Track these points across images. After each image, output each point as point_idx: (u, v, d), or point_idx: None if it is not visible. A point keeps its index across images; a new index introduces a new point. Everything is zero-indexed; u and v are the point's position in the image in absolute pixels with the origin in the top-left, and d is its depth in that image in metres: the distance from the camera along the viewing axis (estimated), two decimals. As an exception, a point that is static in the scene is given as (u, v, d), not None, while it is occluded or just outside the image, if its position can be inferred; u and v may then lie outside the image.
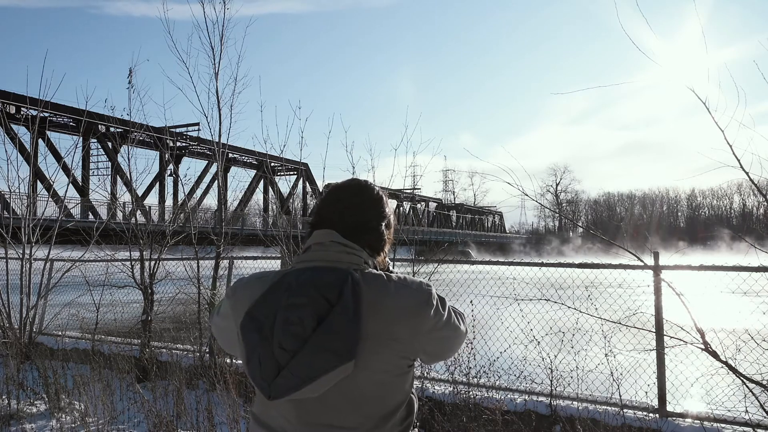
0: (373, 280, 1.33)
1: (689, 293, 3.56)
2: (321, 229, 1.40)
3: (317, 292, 1.25)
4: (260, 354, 1.22)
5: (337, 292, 1.25)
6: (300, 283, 1.28)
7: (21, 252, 7.40)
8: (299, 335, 1.21)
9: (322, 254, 1.37)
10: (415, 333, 1.33)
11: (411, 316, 1.32)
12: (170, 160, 21.98)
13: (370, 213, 1.44)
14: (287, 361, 1.20)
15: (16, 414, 5.10)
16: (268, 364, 1.21)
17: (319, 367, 1.19)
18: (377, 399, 1.32)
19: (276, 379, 1.20)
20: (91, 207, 31.56)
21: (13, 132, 14.52)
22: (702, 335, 3.43)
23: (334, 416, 1.29)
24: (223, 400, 4.36)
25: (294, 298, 1.25)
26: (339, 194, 1.46)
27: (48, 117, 29.16)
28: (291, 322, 1.22)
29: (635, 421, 4.06)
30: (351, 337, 1.22)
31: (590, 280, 4.80)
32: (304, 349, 1.20)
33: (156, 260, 6.75)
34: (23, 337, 7.04)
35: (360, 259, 1.38)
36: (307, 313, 1.22)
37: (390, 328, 1.30)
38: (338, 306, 1.23)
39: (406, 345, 1.33)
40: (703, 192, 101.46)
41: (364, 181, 1.51)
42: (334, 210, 1.43)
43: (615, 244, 3.96)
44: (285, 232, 5.91)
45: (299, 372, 1.19)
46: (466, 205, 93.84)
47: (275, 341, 1.21)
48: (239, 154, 43.19)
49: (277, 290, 1.29)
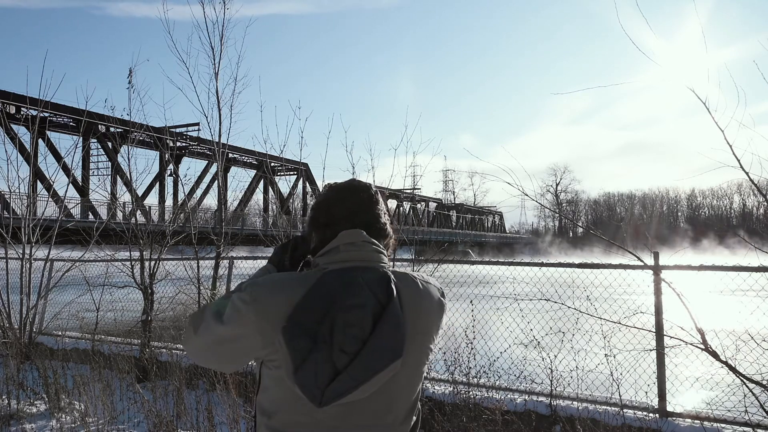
0: (404, 278, 1.36)
1: (689, 293, 3.56)
2: (348, 230, 1.37)
3: (370, 291, 1.26)
4: (317, 360, 1.18)
5: (386, 291, 1.28)
6: (350, 284, 1.27)
7: (21, 252, 7.40)
8: (359, 337, 1.20)
9: (357, 254, 1.35)
10: (438, 325, 1.42)
11: (437, 313, 1.40)
12: (170, 160, 21.98)
13: (377, 213, 1.45)
14: (346, 365, 1.19)
15: (16, 414, 5.10)
16: (324, 370, 1.18)
17: (374, 366, 1.20)
18: (408, 393, 1.36)
19: (330, 384, 1.18)
20: (91, 207, 31.56)
21: (13, 132, 14.52)
22: (702, 335, 3.43)
23: (375, 416, 1.30)
24: (223, 400, 4.36)
25: (349, 299, 1.24)
26: (350, 194, 1.45)
27: (48, 117, 29.16)
28: (351, 324, 1.21)
29: (635, 421, 4.06)
30: (401, 335, 1.25)
31: (590, 281, 4.80)
32: (364, 351, 1.20)
33: (156, 260, 6.76)
34: (23, 337, 7.04)
35: (386, 258, 1.40)
36: (364, 313, 1.22)
37: (423, 325, 1.35)
38: (390, 305, 1.26)
39: (432, 337, 1.40)
40: (703, 192, 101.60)
41: (366, 183, 1.52)
42: (351, 210, 1.42)
43: (615, 243, 3.96)
44: (285, 232, 5.91)
45: (356, 374, 1.19)
46: (466, 205, 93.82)
47: (335, 345, 1.19)
48: (239, 154, 43.20)
49: (320, 292, 1.26)
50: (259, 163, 43.75)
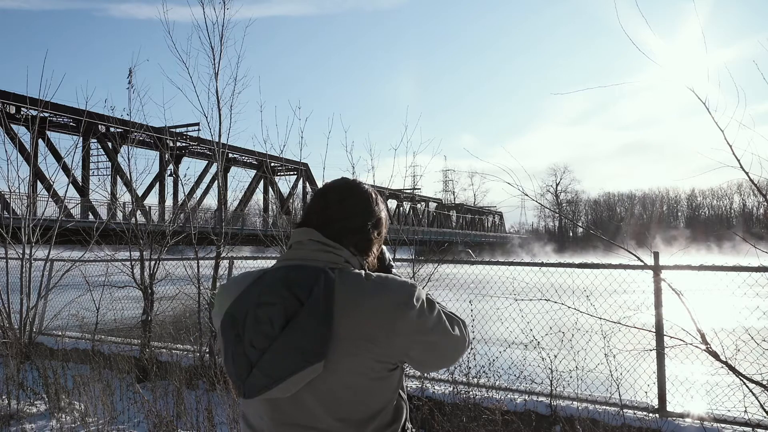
0: (350, 279, 1.28)
1: (689, 293, 3.56)
2: (299, 228, 1.39)
3: (288, 290, 1.24)
4: (233, 352, 1.23)
5: (307, 290, 1.23)
6: (271, 281, 1.28)
7: (21, 252, 7.40)
8: (268, 334, 1.20)
9: (298, 252, 1.35)
10: (392, 335, 1.25)
11: (387, 316, 1.25)
12: (170, 160, 21.99)
13: (354, 212, 1.40)
14: (257, 360, 1.20)
15: (16, 414, 5.10)
16: (240, 362, 1.21)
17: (287, 367, 1.18)
18: (352, 402, 1.26)
19: (248, 377, 1.20)
20: (91, 207, 31.55)
21: (13, 132, 14.50)
22: (702, 335, 3.43)
23: (308, 418, 1.26)
24: (223, 400, 4.36)
25: (264, 296, 1.25)
26: (325, 194, 1.44)
27: (48, 117, 29.15)
28: (261, 320, 1.22)
29: (635, 421, 4.06)
30: (320, 337, 1.19)
31: (590, 281, 4.80)
32: (272, 348, 1.19)
33: (156, 260, 6.76)
34: (23, 337, 7.04)
35: (339, 258, 1.34)
36: (276, 311, 1.22)
37: (364, 329, 1.24)
38: (307, 305, 1.21)
39: (384, 348, 1.26)
40: (703, 192, 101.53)
41: (352, 180, 1.48)
42: (318, 209, 1.41)
43: (615, 243, 3.96)
44: (285, 232, 5.91)
45: (268, 371, 1.19)
46: (466, 205, 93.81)
47: (246, 339, 1.22)
48: (239, 154, 43.18)
49: (253, 288, 1.29)
50: (259, 163, 43.75)
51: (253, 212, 47.48)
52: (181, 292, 6.71)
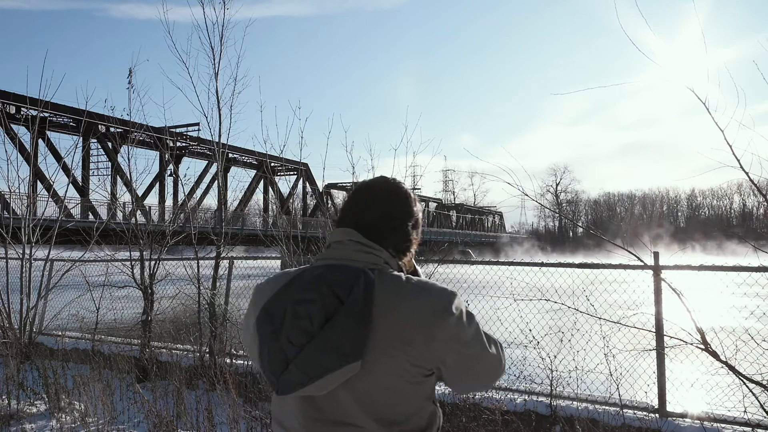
0: (390, 280, 1.29)
1: (689, 293, 3.56)
2: (339, 227, 1.39)
3: (328, 288, 1.24)
4: (270, 348, 1.22)
5: (347, 289, 1.24)
6: (311, 279, 1.28)
7: (21, 252, 7.40)
8: (307, 330, 1.20)
9: (338, 252, 1.35)
10: (430, 339, 1.25)
11: (425, 320, 1.25)
12: (170, 160, 21.98)
13: (394, 212, 1.40)
14: (294, 356, 1.20)
15: (16, 414, 5.10)
16: (276, 358, 1.21)
17: (324, 364, 1.18)
18: (388, 403, 1.26)
19: (283, 373, 1.20)
20: (91, 207, 31.54)
21: (13, 132, 14.52)
22: (702, 335, 3.43)
23: (343, 415, 1.26)
24: (223, 400, 4.36)
25: (304, 293, 1.25)
26: (364, 193, 1.44)
27: (48, 117, 29.15)
28: (299, 316, 1.22)
29: (635, 421, 4.06)
30: (358, 337, 1.20)
31: (590, 281, 4.80)
32: (311, 345, 1.19)
33: (156, 260, 6.76)
34: (23, 337, 7.04)
35: (379, 259, 1.34)
36: (315, 308, 1.22)
37: (402, 332, 1.24)
38: (347, 304, 1.21)
39: (421, 351, 1.26)
40: (703, 192, 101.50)
41: (391, 180, 1.46)
42: (357, 208, 1.41)
43: (615, 244, 3.96)
44: (285, 233, 5.91)
45: (305, 368, 1.19)
46: (466, 205, 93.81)
47: (284, 334, 1.22)
48: (239, 154, 43.18)
49: (292, 285, 1.30)
50: (259, 163, 43.75)
51: (253, 212, 47.48)
52: (181, 292, 6.71)
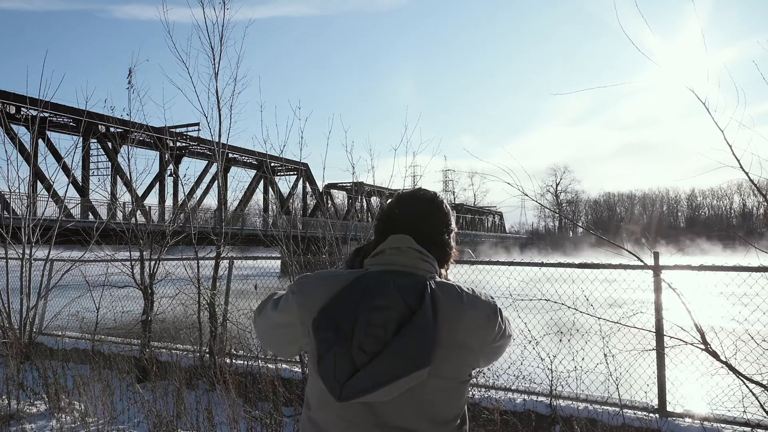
0: (448, 289, 1.33)
1: (689, 293, 3.56)
2: (397, 235, 1.40)
3: (399, 295, 1.26)
4: (336, 353, 1.21)
5: (418, 297, 1.26)
6: (381, 285, 1.28)
7: (21, 252, 7.40)
8: (380, 338, 1.20)
9: (399, 258, 1.37)
10: (483, 342, 1.36)
11: (482, 326, 1.34)
12: (170, 160, 21.98)
13: (440, 225, 1.46)
14: (364, 363, 1.19)
15: (16, 414, 5.10)
16: (343, 365, 1.20)
17: (395, 371, 1.19)
18: (442, 405, 1.32)
19: (349, 380, 1.19)
20: (91, 207, 31.54)
21: (13, 132, 14.52)
22: (702, 335, 3.43)
23: (401, 419, 1.28)
24: (223, 400, 4.36)
25: (377, 299, 1.25)
26: (411, 203, 1.47)
27: (48, 117, 29.15)
28: (373, 324, 1.21)
29: (635, 421, 4.06)
30: (429, 344, 1.22)
31: (590, 281, 4.80)
32: (384, 353, 1.19)
33: (156, 260, 6.75)
34: (23, 337, 7.04)
35: (433, 268, 1.39)
36: (389, 316, 1.23)
37: (462, 337, 1.31)
38: (419, 312, 1.23)
39: (475, 354, 1.35)
40: (703, 192, 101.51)
41: (433, 193, 1.52)
42: (407, 217, 1.44)
43: (615, 244, 3.96)
44: (285, 233, 5.91)
45: (375, 375, 1.18)
46: (466, 205, 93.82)
47: (355, 342, 1.21)
48: (239, 154, 43.17)
49: (354, 290, 1.29)
50: (259, 163, 43.74)
51: (253, 212, 47.47)
52: (181, 292, 6.71)
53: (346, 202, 58.31)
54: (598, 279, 4.83)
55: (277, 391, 4.64)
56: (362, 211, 52.32)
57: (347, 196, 57.12)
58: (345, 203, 58.50)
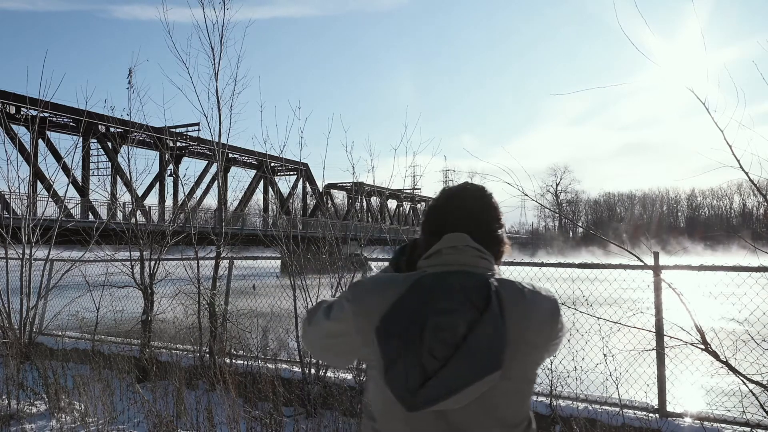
0: (510, 287, 1.28)
1: (689, 293, 3.56)
2: (453, 233, 1.33)
3: (465, 297, 1.21)
4: (406, 362, 1.16)
5: (483, 297, 1.21)
6: (444, 287, 1.23)
7: (21, 252, 7.40)
8: (450, 342, 1.15)
9: (457, 258, 1.31)
10: (548, 339, 1.32)
11: (547, 322, 1.30)
12: (170, 160, 21.96)
13: (493, 220, 1.40)
14: (436, 370, 1.14)
15: (16, 414, 5.10)
16: (414, 373, 1.15)
17: (469, 376, 1.14)
18: (512, 407, 1.28)
19: (421, 389, 1.14)
20: (91, 207, 31.54)
21: (13, 132, 14.52)
22: (702, 335, 3.43)
23: (472, 424, 1.23)
24: (223, 400, 4.36)
25: (442, 302, 1.20)
26: (461, 200, 1.41)
27: (48, 117, 29.14)
28: (442, 328, 1.16)
29: (635, 420, 4.06)
30: (500, 346, 1.18)
31: (590, 281, 4.80)
32: (455, 357, 1.14)
33: (156, 260, 6.75)
34: (23, 337, 7.04)
35: (492, 265, 1.34)
36: (457, 318, 1.18)
37: (529, 336, 1.26)
38: (487, 312, 1.19)
39: (541, 352, 1.32)
40: (703, 192, 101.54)
41: (481, 187, 1.46)
42: (459, 215, 1.37)
43: (615, 244, 3.96)
44: (285, 233, 5.91)
45: (448, 381, 1.14)
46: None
47: (425, 348, 1.16)
48: (239, 154, 43.17)
49: (415, 294, 1.24)
50: (259, 163, 43.74)
51: (253, 212, 47.46)
52: (181, 293, 6.71)
53: (346, 202, 58.32)
54: (599, 279, 4.83)
55: (277, 391, 4.64)
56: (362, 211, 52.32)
57: (347, 196, 57.12)
58: (345, 203, 58.51)
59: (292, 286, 5.63)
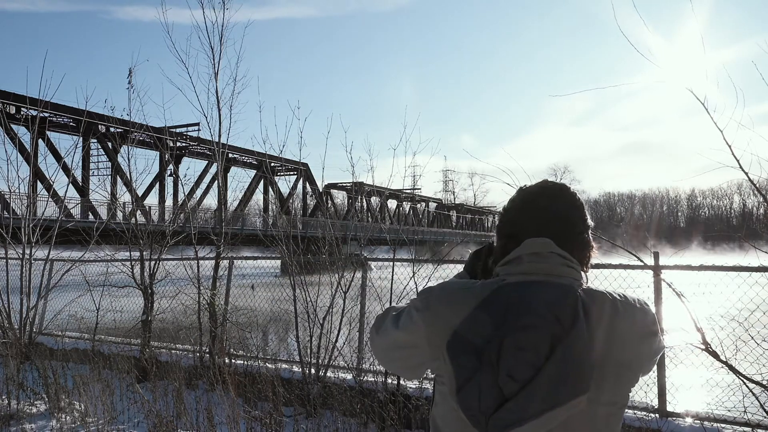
0: (599, 299, 1.14)
1: (689, 293, 3.56)
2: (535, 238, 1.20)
3: (548, 311, 1.09)
4: (480, 382, 1.05)
5: (570, 312, 1.09)
6: (526, 300, 1.11)
7: (21, 252, 7.40)
8: (532, 363, 1.04)
9: (541, 266, 1.18)
10: (644, 359, 1.19)
11: (642, 339, 1.17)
12: (170, 160, 21.95)
13: (578, 222, 1.26)
14: (515, 393, 1.03)
15: (16, 414, 5.10)
16: (489, 395, 1.04)
17: (550, 400, 1.03)
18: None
19: (497, 412, 1.03)
20: (91, 207, 31.53)
21: (13, 132, 14.50)
22: (702, 335, 3.43)
23: None
24: (223, 400, 4.36)
25: (523, 317, 1.08)
26: (539, 200, 1.28)
27: (48, 117, 29.14)
28: (523, 347, 1.05)
29: (635, 421, 4.06)
30: (587, 367, 1.06)
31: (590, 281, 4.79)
32: (537, 380, 1.03)
33: (156, 260, 6.76)
34: (23, 337, 7.04)
35: (579, 275, 1.21)
36: (540, 336, 1.06)
37: (620, 354, 1.13)
38: (574, 330, 1.07)
39: (635, 371, 1.19)
40: (703, 192, 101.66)
41: (562, 184, 1.35)
42: (541, 218, 1.24)
43: (615, 244, 3.96)
44: (285, 233, 5.91)
45: (527, 405, 1.02)
46: (466, 205, 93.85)
47: (502, 368, 1.05)
48: (239, 154, 43.16)
49: (494, 307, 1.12)
50: (259, 163, 43.74)
51: (253, 212, 47.47)
52: (181, 293, 6.72)
53: (346, 202, 58.33)
54: (598, 279, 4.83)
55: (277, 391, 4.64)
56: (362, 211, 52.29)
57: (347, 196, 57.12)
58: (345, 203, 58.52)
59: (292, 285, 5.63)
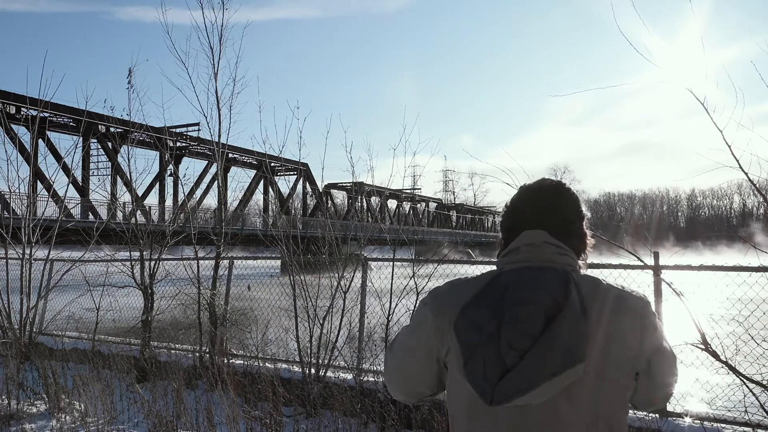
0: (590, 282, 1.25)
1: (689, 293, 3.56)
2: (531, 230, 1.32)
3: (543, 289, 1.20)
4: (485, 354, 1.15)
5: (563, 290, 1.19)
6: (522, 280, 1.24)
7: (21, 252, 7.40)
8: (529, 333, 1.14)
9: (535, 254, 1.30)
10: (642, 340, 1.23)
11: (634, 318, 1.23)
12: (170, 160, 21.97)
13: (571, 213, 1.39)
14: (515, 362, 1.12)
15: (16, 414, 5.10)
16: (493, 365, 1.13)
17: (549, 369, 1.11)
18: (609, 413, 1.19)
19: (500, 381, 1.12)
20: (91, 207, 31.52)
21: (13, 132, 14.50)
22: (702, 335, 3.43)
23: (559, 425, 1.17)
24: (223, 401, 4.36)
25: (520, 293, 1.20)
26: (536, 195, 1.40)
27: (48, 117, 29.13)
28: (521, 319, 1.15)
29: (635, 421, 4.06)
30: (581, 338, 1.14)
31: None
32: (535, 348, 1.12)
33: (156, 260, 6.76)
34: (23, 337, 7.04)
35: (573, 261, 1.32)
36: (536, 310, 1.16)
37: (617, 332, 1.20)
38: (567, 305, 1.16)
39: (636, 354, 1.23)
40: (703, 192, 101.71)
41: (558, 181, 1.47)
42: (536, 212, 1.36)
43: (615, 244, 3.96)
44: (285, 233, 5.91)
45: (527, 373, 1.11)
46: (466, 206, 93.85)
47: (503, 339, 1.14)
48: (239, 154, 43.15)
49: (494, 288, 1.24)
50: (259, 163, 43.73)
51: (253, 212, 47.46)
52: (181, 293, 6.71)
53: (346, 202, 58.33)
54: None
55: (277, 391, 4.64)
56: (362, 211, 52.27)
57: (347, 196, 57.12)
58: (345, 203, 58.52)
59: (292, 285, 5.63)
